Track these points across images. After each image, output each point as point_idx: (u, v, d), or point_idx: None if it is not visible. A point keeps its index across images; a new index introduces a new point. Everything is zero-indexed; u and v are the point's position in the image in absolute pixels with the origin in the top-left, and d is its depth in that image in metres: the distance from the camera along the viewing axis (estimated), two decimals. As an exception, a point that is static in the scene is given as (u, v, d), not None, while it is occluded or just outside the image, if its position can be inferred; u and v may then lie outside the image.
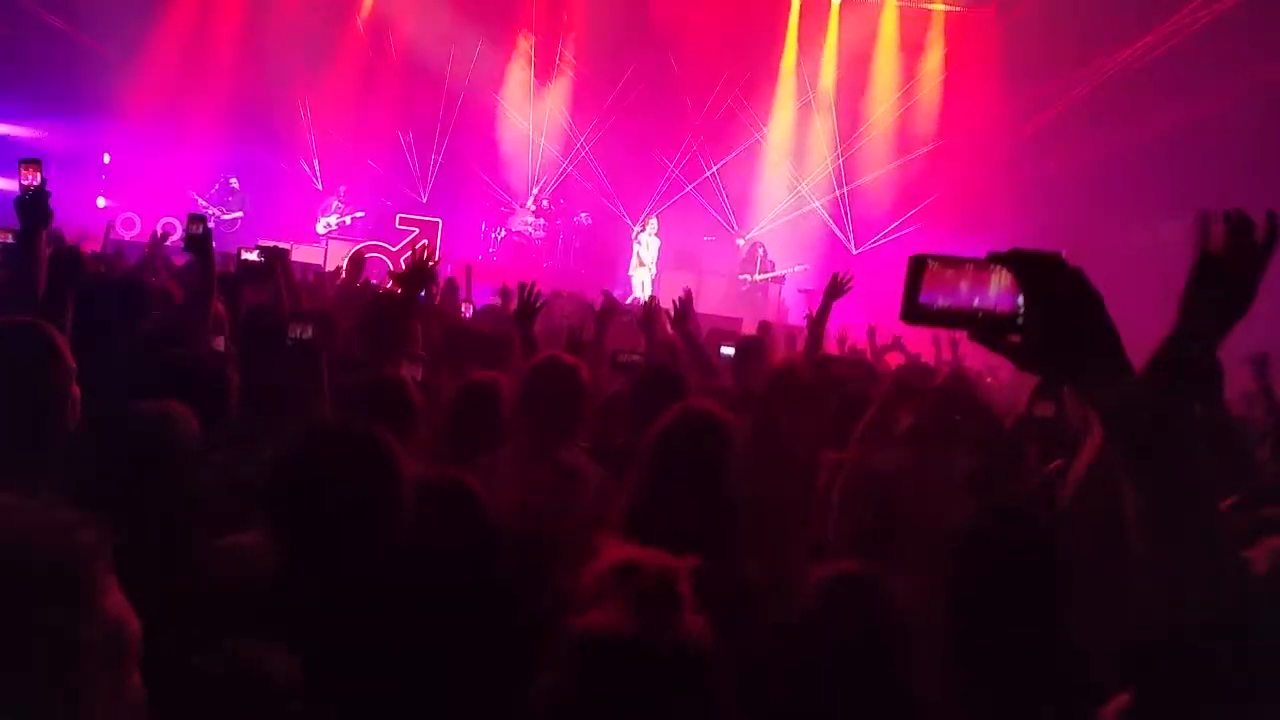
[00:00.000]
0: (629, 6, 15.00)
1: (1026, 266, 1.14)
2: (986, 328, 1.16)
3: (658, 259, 14.42)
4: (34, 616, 0.99)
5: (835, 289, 4.62)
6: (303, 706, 1.42)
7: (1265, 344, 4.35)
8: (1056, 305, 1.13)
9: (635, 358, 4.09)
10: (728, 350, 4.90)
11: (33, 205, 3.27)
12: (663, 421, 2.26)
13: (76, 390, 2.31)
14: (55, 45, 13.28)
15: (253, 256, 4.63)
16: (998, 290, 1.15)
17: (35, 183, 3.34)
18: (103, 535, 1.07)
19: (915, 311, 1.17)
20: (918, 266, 1.17)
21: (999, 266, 1.15)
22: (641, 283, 14.12)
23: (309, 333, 2.85)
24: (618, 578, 1.48)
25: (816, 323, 4.64)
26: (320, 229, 14.17)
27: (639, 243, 14.54)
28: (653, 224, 14.52)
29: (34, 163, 3.41)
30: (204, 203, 13.94)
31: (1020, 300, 1.14)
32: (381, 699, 1.68)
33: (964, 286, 1.16)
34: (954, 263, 1.17)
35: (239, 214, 14.10)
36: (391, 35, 15.51)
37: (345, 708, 1.58)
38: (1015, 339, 1.15)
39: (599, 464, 2.96)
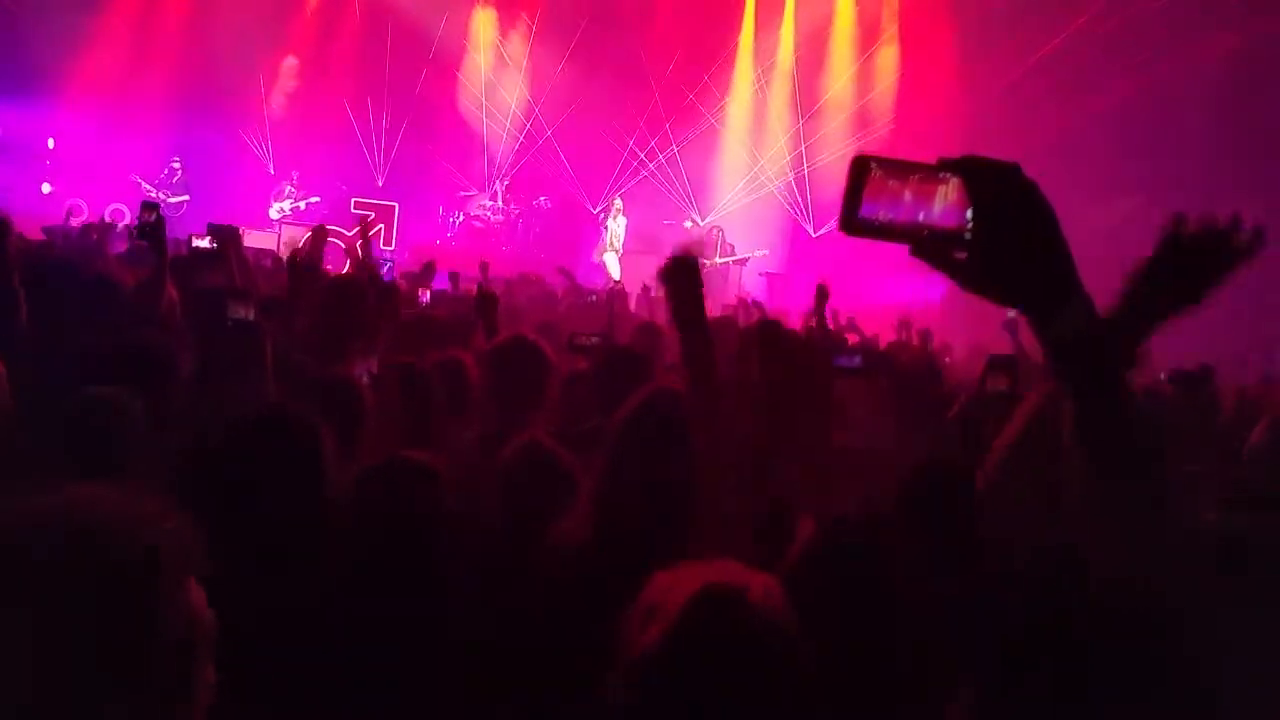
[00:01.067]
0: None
1: (978, 175, 1.04)
2: (931, 244, 1.05)
3: (624, 241, 14.36)
4: (118, 608, 0.98)
5: (823, 295, 4.70)
6: None
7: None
8: (1008, 219, 1.03)
9: (594, 339, 4.08)
10: None
11: None
12: (631, 404, 2.23)
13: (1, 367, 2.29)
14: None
15: (204, 243, 4.54)
16: (945, 202, 1.05)
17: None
18: (186, 527, 1.07)
19: (855, 223, 1.06)
20: (859, 170, 1.06)
21: (949, 175, 1.05)
22: (615, 265, 14.06)
23: (250, 313, 2.80)
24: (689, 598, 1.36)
25: (821, 331, 4.71)
26: (273, 214, 13.94)
27: (606, 227, 14.47)
28: (617, 204, 14.44)
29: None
30: (150, 188, 13.61)
31: (969, 214, 1.04)
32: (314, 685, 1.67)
33: (909, 196, 1.05)
34: (900, 168, 1.06)
35: (185, 197, 13.79)
36: (346, 17, 15.25)
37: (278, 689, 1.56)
38: (961, 257, 1.05)
39: (564, 446, 2.97)
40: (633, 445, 2.17)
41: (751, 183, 15.51)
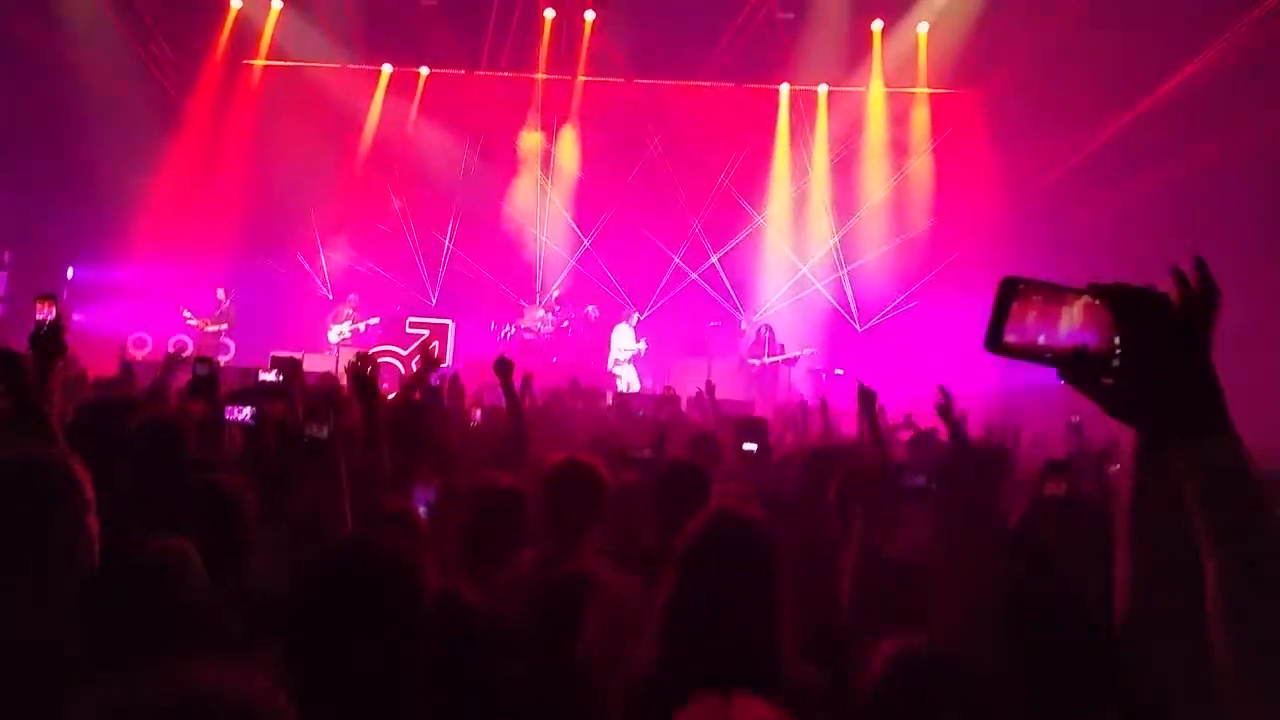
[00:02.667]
0: (625, 106, 15.47)
1: (1126, 301, 1.03)
2: (1078, 368, 1.05)
3: (633, 354, 14.39)
4: None
5: (867, 398, 4.69)
6: None
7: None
8: (1157, 347, 1.02)
9: (646, 452, 4.11)
10: (750, 446, 4.77)
11: (48, 339, 3.34)
12: (696, 526, 2.20)
13: (95, 522, 2.34)
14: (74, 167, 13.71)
15: (270, 377, 4.70)
16: (1092, 327, 1.05)
17: (50, 317, 3.42)
18: (288, 706, 1.10)
19: (1000, 343, 1.07)
20: (1007, 292, 1.06)
21: (1095, 300, 1.05)
22: (626, 378, 14.12)
23: (324, 431, 2.87)
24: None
25: (874, 440, 4.67)
26: (333, 338, 14.33)
27: (609, 342, 14.54)
28: (626, 327, 14.51)
29: (49, 297, 3.50)
30: (190, 315, 14.07)
31: (1116, 340, 1.04)
32: None
33: (1058, 320, 1.05)
34: (1046, 290, 1.06)
35: (223, 325, 14.23)
36: (394, 141, 16.00)
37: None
38: (1108, 382, 1.04)
39: (622, 565, 2.97)
40: (697, 574, 2.13)
41: (796, 282, 15.67)
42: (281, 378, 4.65)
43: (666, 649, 2.09)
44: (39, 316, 3.50)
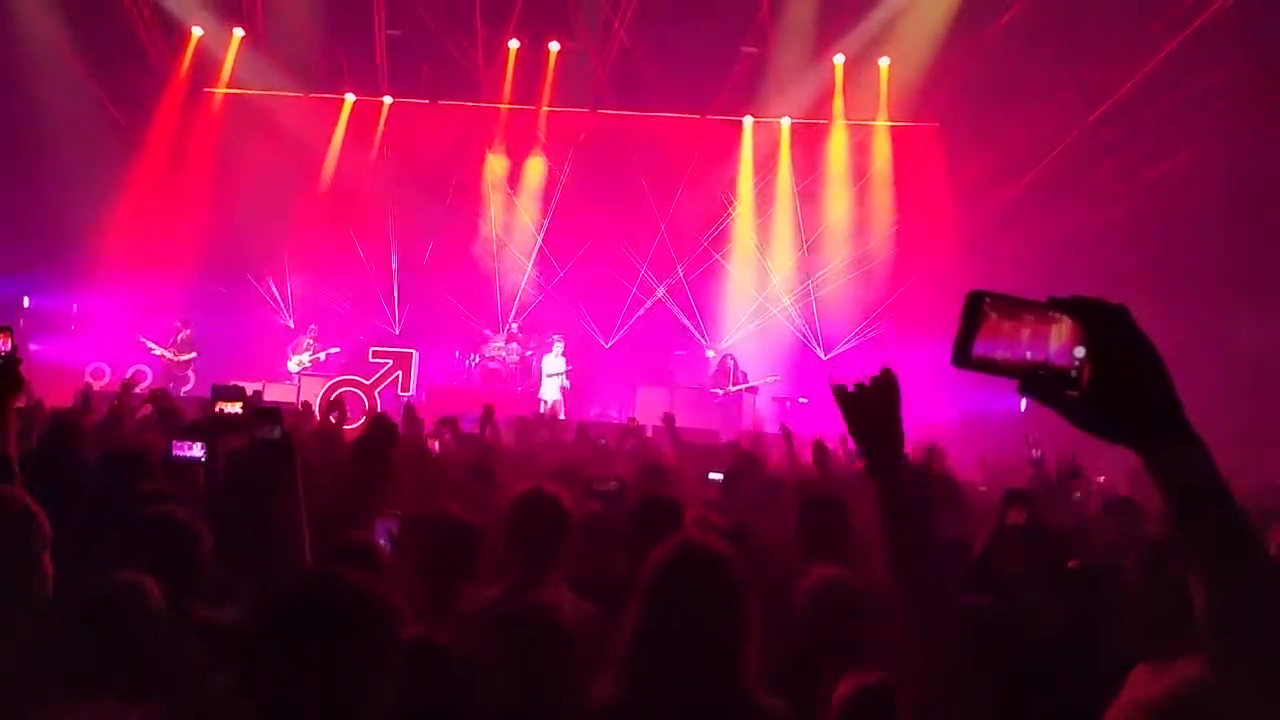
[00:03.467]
0: (590, 136, 15.58)
1: (1089, 315, 1.06)
2: (1042, 381, 1.07)
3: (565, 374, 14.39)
4: None
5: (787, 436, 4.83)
6: None
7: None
8: (1119, 360, 1.04)
9: (612, 485, 4.10)
10: (715, 475, 4.77)
11: (4, 374, 3.26)
12: (662, 556, 2.18)
13: (48, 562, 2.30)
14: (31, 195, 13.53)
15: (234, 409, 4.59)
16: (1056, 340, 1.07)
17: (6, 349, 3.34)
18: None
19: (967, 358, 1.09)
20: (973, 307, 1.09)
21: (1058, 313, 1.07)
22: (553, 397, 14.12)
23: (275, 432, 2.81)
24: None
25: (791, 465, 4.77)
26: (293, 367, 14.18)
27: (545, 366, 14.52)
28: (557, 347, 14.53)
29: (5, 330, 3.42)
30: (154, 346, 13.89)
31: (1079, 353, 1.06)
32: None
33: (1022, 334, 1.08)
34: (1011, 305, 1.09)
35: (192, 355, 14.06)
36: (359, 171, 15.96)
37: None
38: (1072, 395, 1.06)
39: (584, 596, 2.97)
40: (662, 605, 2.10)
41: (760, 310, 15.79)
42: (241, 409, 4.56)
43: (631, 680, 2.08)
44: (-6, 348, 3.42)
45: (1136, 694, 1.72)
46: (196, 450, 3.76)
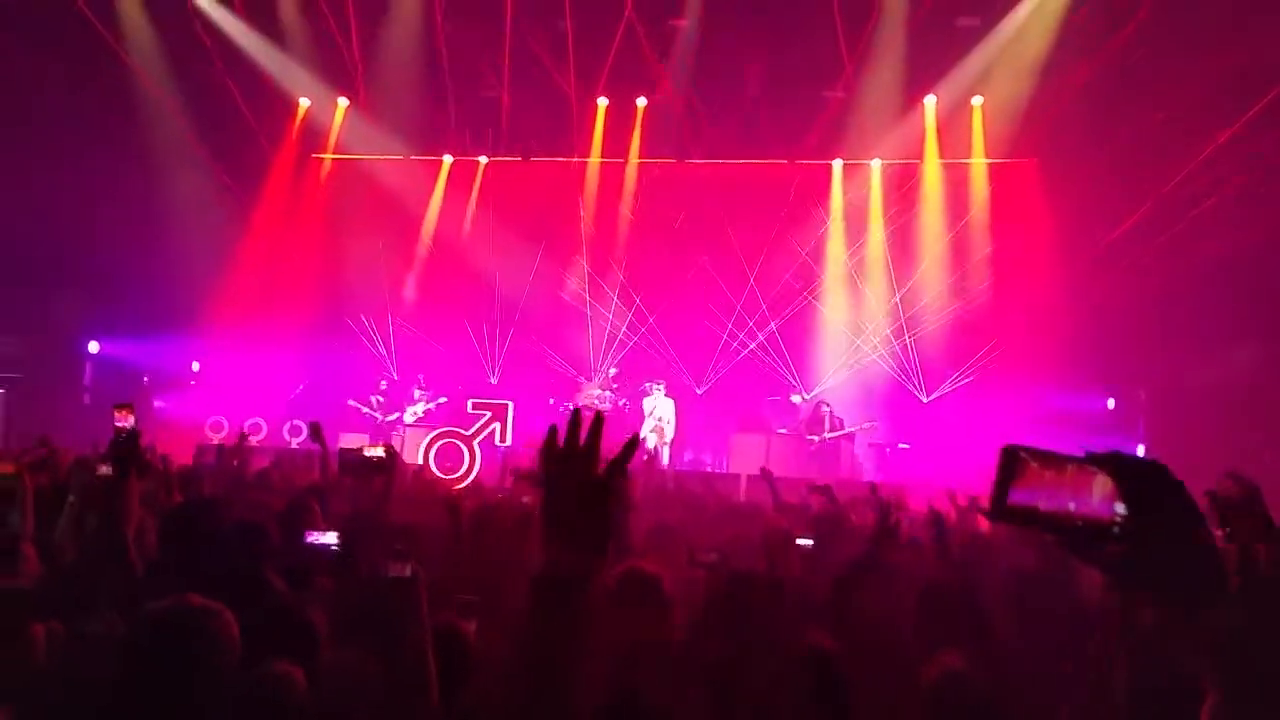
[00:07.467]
0: (679, 186, 15.76)
1: (1128, 473, 1.06)
2: (1081, 536, 1.08)
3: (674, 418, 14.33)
4: None
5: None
6: None
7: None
8: (1159, 517, 1.05)
9: (713, 556, 4.08)
10: (805, 541, 4.58)
11: (126, 447, 3.44)
12: (776, 669, 2.18)
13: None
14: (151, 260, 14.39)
15: (377, 453, 4.71)
16: (1098, 495, 1.07)
17: (129, 425, 3.54)
18: None
19: (1005, 510, 1.11)
20: (1009, 461, 1.11)
21: (1096, 469, 1.07)
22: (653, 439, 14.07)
23: (406, 570, 2.90)
24: None
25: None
26: (409, 419, 14.58)
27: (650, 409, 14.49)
28: (660, 388, 14.48)
29: (127, 406, 3.63)
30: (358, 405, 14.44)
31: (1118, 508, 1.06)
32: None
33: (1060, 487, 1.09)
34: (1049, 460, 1.10)
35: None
36: (456, 232, 16.52)
37: None
38: (1112, 549, 1.06)
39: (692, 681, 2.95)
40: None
41: (854, 354, 15.60)
42: (386, 455, 4.65)
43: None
44: (118, 424, 3.65)
45: None
46: (330, 539, 3.69)
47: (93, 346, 15.79)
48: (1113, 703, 2.09)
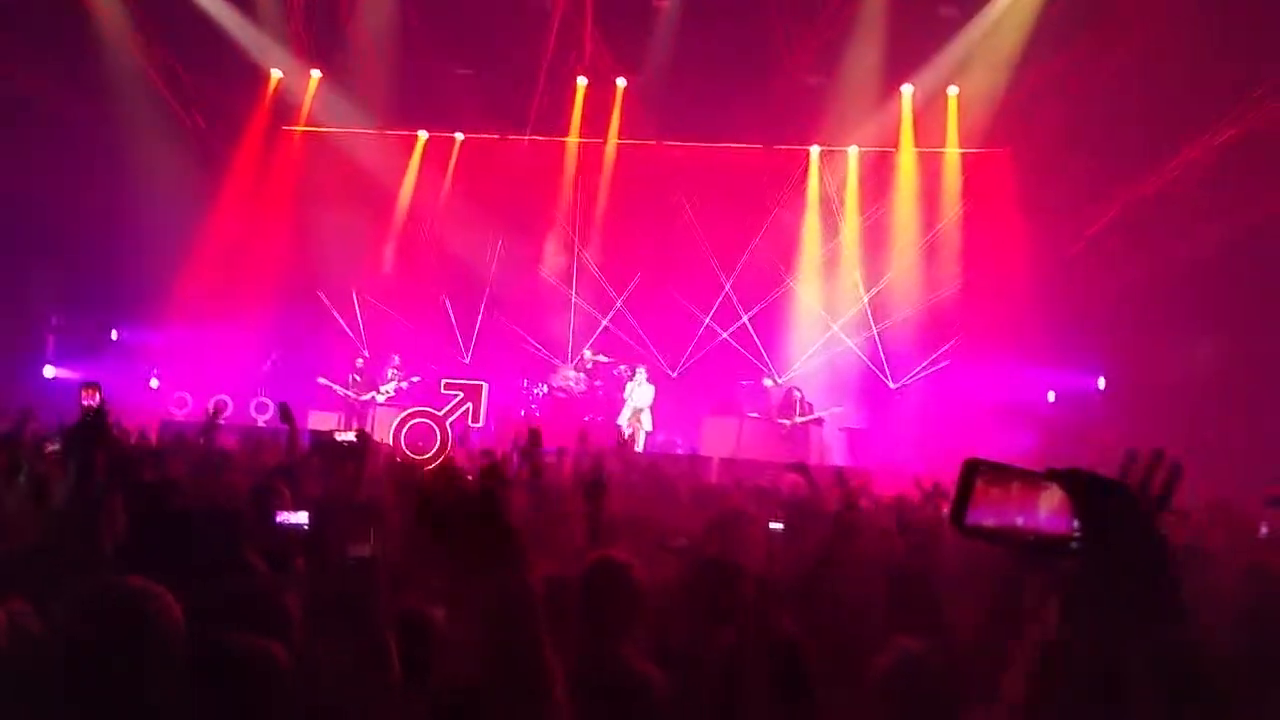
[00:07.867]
0: (656, 168, 15.69)
1: (1085, 489, 1.07)
2: (1037, 549, 1.09)
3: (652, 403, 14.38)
4: None
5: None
6: None
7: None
8: (1116, 535, 1.06)
9: (683, 541, 4.10)
10: (776, 525, 4.60)
11: (92, 426, 3.41)
12: (738, 644, 2.21)
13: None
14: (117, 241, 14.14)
15: (349, 437, 4.71)
16: (1050, 509, 1.08)
17: (95, 403, 3.52)
18: None
19: (964, 525, 1.12)
20: (968, 474, 1.11)
21: (1055, 485, 1.08)
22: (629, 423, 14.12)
23: (366, 549, 2.88)
24: None
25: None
26: (380, 398, 14.45)
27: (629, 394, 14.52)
28: (641, 373, 14.53)
29: (94, 386, 3.61)
30: (331, 384, 14.25)
31: (1075, 523, 1.07)
32: None
33: (1016, 502, 1.09)
34: (1006, 474, 1.10)
35: (372, 394, 14.32)
36: (431, 209, 16.36)
37: None
38: (1067, 564, 1.08)
39: (660, 666, 2.97)
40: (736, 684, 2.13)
41: (827, 340, 15.67)
42: (358, 441, 4.63)
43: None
44: (85, 403, 3.61)
45: None
46: (301, 518, 3.61)
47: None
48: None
